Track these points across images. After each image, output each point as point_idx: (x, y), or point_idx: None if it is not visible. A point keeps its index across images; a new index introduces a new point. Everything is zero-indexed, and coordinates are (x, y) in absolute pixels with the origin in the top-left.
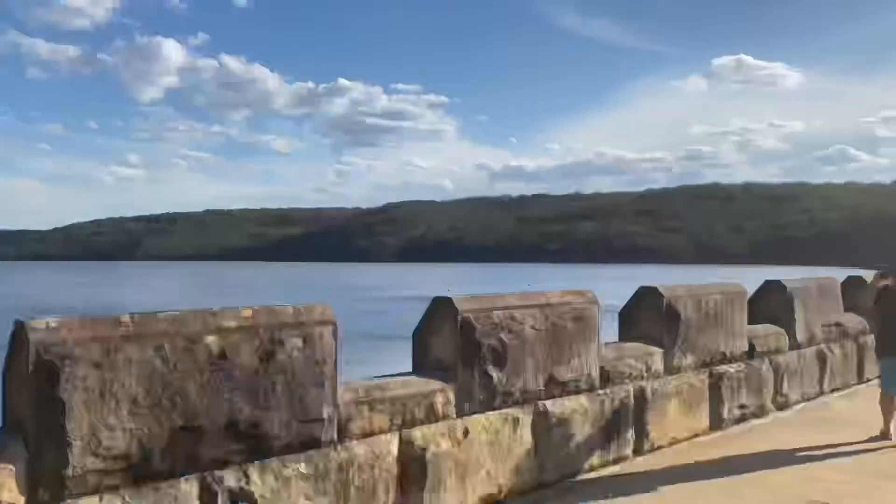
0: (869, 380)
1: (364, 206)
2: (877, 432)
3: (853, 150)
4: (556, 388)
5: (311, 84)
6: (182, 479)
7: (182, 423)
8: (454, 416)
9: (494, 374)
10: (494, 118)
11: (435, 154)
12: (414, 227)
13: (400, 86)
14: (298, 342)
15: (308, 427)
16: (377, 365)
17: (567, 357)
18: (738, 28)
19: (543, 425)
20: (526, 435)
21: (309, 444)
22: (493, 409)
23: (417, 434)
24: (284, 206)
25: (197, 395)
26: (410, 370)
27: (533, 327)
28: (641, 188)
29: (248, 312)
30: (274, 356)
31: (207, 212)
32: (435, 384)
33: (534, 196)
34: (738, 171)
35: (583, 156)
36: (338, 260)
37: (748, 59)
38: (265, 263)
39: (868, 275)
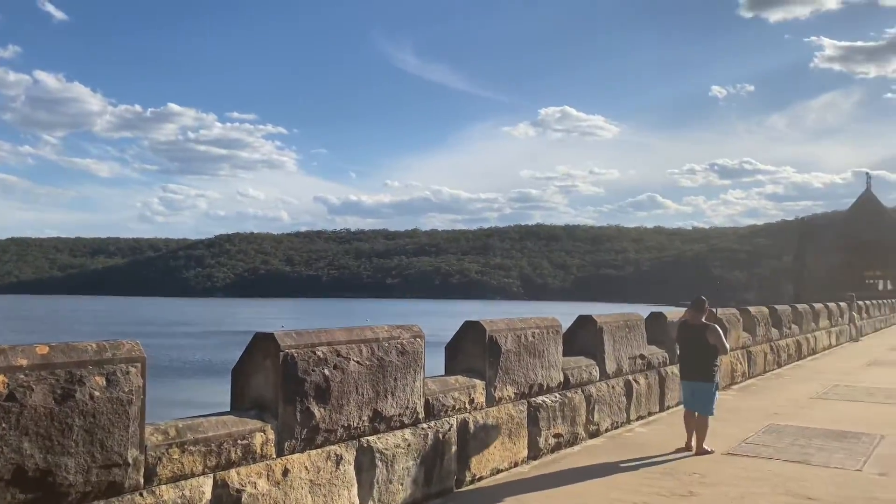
0: (669, 407)
1: (192, 237)
2: (676, 457)
3: (661, 198)
4: (381, 423)
5: (138, 107)
6: None
7: None
8: (274, 455)
9: (317, 410)
10: (334, 152)
11: (271, 185)
12: (247, 260)
13: (235, 114)
14: (101, 381)
15: (110, 473)
16: (196, 404)
17: (392, 391)
18: (563, 82)
19: (367, 461)
20: (349, 472)
21: (111, 491)
22: (316, 446)
23: (234, 475)
24: (102, 236)
25: None
26: (229, 409)
27: (358, 362)
28: (475, 227)
29: (43, 349)
30: (72, 397)
31: (11, 240)
32: (254, 423)
33: (372, 231)
34: (561, 214)
35: (421, 193)
36: (162, 293)
37: (571, 110)
38: (77, 297)
39: (670, 311)
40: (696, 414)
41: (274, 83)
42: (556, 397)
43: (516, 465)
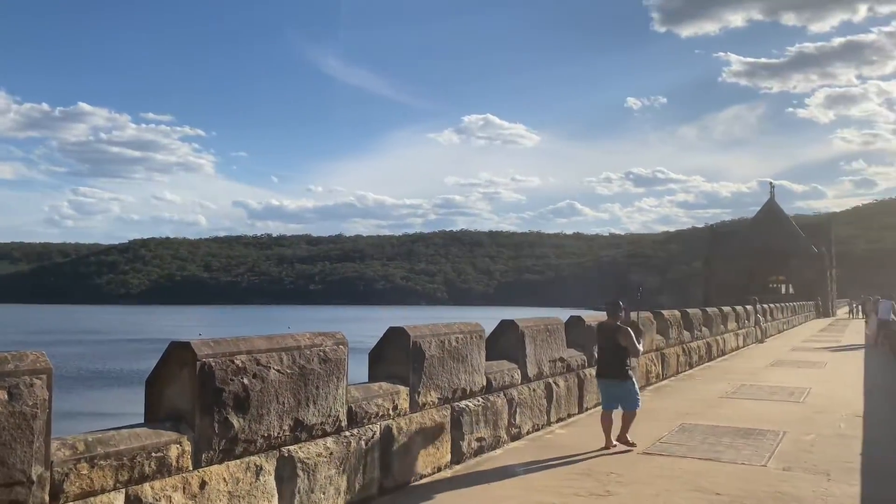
0: (588, 408)
1: (105, 242)
2: (595, 457)
3: (580, 205)
4: (303, 431)
5: (45, 106)
6: None
7: None
8: (191, 467)
9: (236, 421)
10: (255, 156)
11: (188, 189)
12: (163, 266)
13: (150, 115)
14: (2, 395)
15: (12, 492)
16: (109, 416)
17: (314, 400)
18: (486, 90)
19: (288, 471)
20: (269, 482)
21: None
22: (235, 457)
23: (147, 489)
24: (5, 241)
25: None
26: (143, 420)
27: (279, 371)
28: (400, 232)
29: None
30: None
31: None
32: (169, 434)
33: (295, 236)
34: (485, 220)
35: (345, 199)
36: (72, 301)
37: (494, 118)
38: None
39: (589, 314)
40: (622, 412)
41: (191, 84)
42: (479, 401)
43: (440, 469)
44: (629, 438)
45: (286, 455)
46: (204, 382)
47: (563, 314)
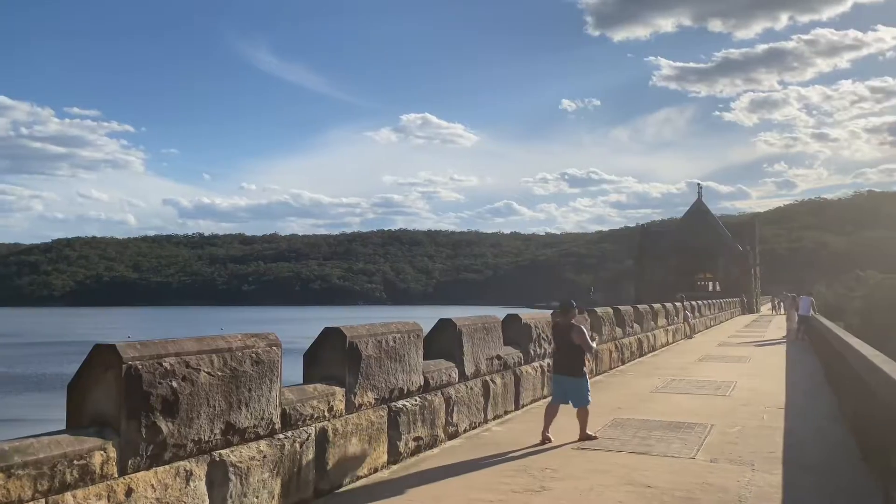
0: (525, 405)
1: (26, 241)
2: (531, 454)
3: (517, 205)
4: (235, 435)
5: None
6: None
7: None
8: (116, 474)
9: (165, 425)
10: (186, 153)
11: (116, 186)
12: (89, 266)
13: (76, 109)
14: None
15: None
16: (29, 423)
17: (247, 403)
18: (424, 89)
19: (220, 476)
20: (200, 488)
21: None
22: (164, 463)
23: (69, 499)
24: None
25: None
26: (65, 426)
27: (210, 373)
28: (337, 231)
29: None
30: None
31: None
32: (93, 441)
33: (228, 235)
34: (423, 219)
35: (279, 197)
36: None
37: (432, 118)
38: None
39: (526, 312)
40: (575, 410)
41: (120, 78)
42: (416, 401)
43: (376, 470)
44: (590, 433)
45: (218, 459)
46: (130, 386)
47: (501, 313)
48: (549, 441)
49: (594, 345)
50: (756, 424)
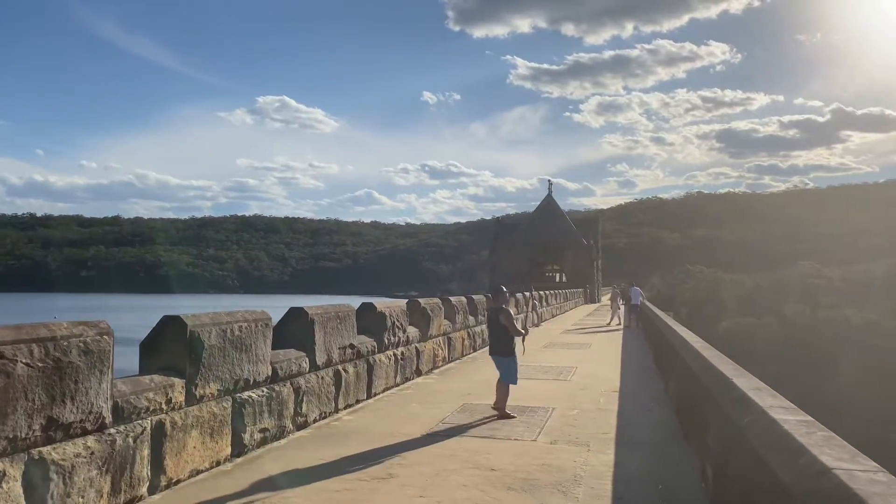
0: (377, 394)
1: None
2: (379, 442)
3: (377, 194)
4: (58, 431)
5: None
6: None
7: None
8: None
9: None
10: (17, 125)
11: None
12: None
13: None
14: None
15: None
16: None
17: (73, 396)
18: (283, 71)
19: (39, 475)
20: (15, 489)
21: None
22: None
23: None
24: None
25: None
26: None
27: (29, 364)
28: (186, 215)
29: None
30: None
31: None
32: None
33: (64, 217)
34: (280, 206)
35: (122, 177)
36: None
37: (291, 101)
38: None
39: (382, 301)
40: (500, 381)
41: None
42: (263, 392)
43: (219, 463)
44: (508, 412)
45: (37, 458)
46: None
47: (360, 302)
48: (495, 414)
49: (518, 325)
50: (593, 407)
